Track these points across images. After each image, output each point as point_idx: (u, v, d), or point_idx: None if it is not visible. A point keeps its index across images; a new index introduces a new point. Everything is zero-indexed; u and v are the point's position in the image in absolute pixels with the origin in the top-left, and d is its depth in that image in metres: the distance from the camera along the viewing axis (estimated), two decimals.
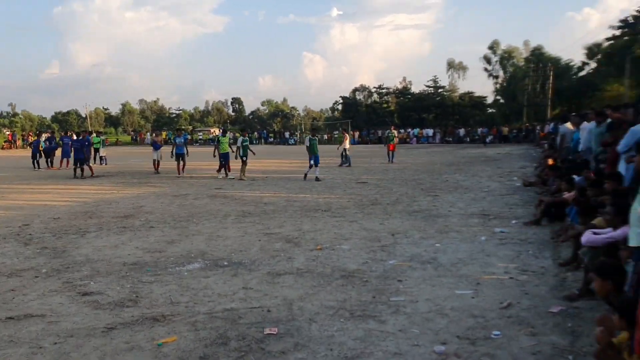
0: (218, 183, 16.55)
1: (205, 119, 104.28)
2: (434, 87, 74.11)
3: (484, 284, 5.70)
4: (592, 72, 54.75)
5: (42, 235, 8.76)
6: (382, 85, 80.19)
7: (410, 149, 38.83)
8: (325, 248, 7.50)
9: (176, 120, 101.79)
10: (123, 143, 66.80)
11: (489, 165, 21.99)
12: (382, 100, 79.25)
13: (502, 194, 13.01)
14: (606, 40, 50.97)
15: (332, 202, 12.09)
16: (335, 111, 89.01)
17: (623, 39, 47.30)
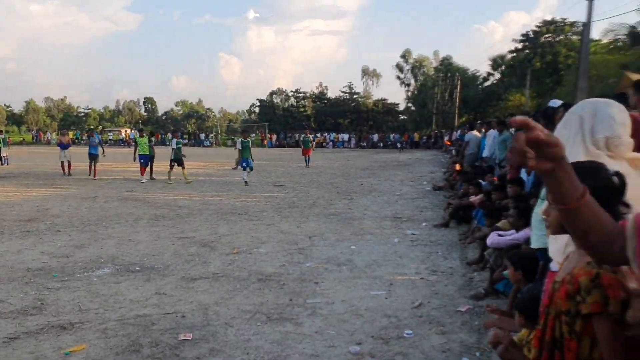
0: (130, 185, 15.95)
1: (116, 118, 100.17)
2: (349, 93, 75.68)
3: (397, 285, 5.88)
4: (496, 82, 58.12)
5: None
6: (299, 89, 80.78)
7: (327, 153, 39.34)
8: (241, 252, 7.44)
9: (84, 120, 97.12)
10: (28, 143, 62.65)
11: (401, 170, 22.73)
12: (299, 104, 79.79)
13: (413, 197, 13.48)
14: (509, 53, 54.36)
15: (249, 205, 12.01)
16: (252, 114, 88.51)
17: (524, 52, 50.59)
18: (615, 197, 1.71)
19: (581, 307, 1.67)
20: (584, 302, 1.66)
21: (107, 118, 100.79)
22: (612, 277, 1.65)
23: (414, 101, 68.98)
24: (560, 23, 48.54)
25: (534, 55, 48.02)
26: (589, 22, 23.39)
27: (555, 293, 1.81)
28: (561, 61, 43.70)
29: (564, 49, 45.51)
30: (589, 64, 24.44)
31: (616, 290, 1.63)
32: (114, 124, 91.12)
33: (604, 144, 2.17)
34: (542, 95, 43.44)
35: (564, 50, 45.37)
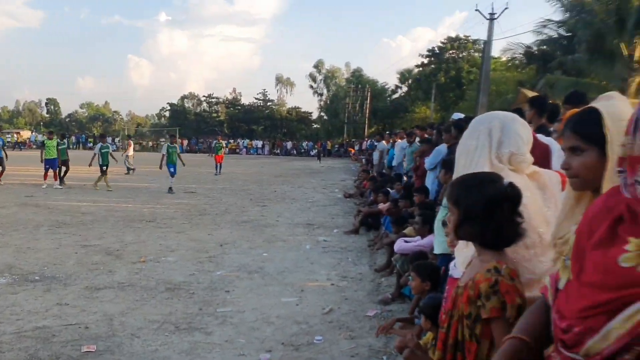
0: (30, 190, 14.97)
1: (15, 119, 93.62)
2: (263, 100, 75.50)
3: (308, 291, 5.95)
4: (403, 95, 60.43)
5: None
6: (212, 95, 79.57)
7: (240, 160, 39.00)
8: (149, 260, 7.21)
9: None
10: None
11: (314, 178, 23.00)
12: (211, 109, 78.54)
13: (325, 204, 13.68)
14: (416, 67, 56.67)
15: (157, 212, 11.66)
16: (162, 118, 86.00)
17: (430, 67, 52.93)
18: (510, 207, 1.84)
19: (481, 312, 1.78)
20: (484, 307, 1.77)
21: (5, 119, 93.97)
22: (510, 284, 1.76)
23: (326, 110, 69.99)
24: (463, 40, 51.25)
25: (439, 70, 50.38)
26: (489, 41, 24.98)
27: (458, 297, 1.92)
28: (464, 76, 46.14)
29: (467, 65, 48.11)
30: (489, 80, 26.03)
31: (513, 297, 1.75)
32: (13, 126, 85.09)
33: (507, 159, 2.28)
34: (446, 108, 45.61)
35: (467, 66, 47.96)
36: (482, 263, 1.87)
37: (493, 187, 1.85)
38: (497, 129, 2.32)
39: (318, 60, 72.27)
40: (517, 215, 1.85)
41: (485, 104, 23.27)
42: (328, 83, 70.63)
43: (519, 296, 1.76)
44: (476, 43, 48.11)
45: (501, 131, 2.31)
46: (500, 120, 2.37)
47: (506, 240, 1.86)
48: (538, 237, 2.13)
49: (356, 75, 65.58)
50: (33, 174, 17.79)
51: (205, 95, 79.97)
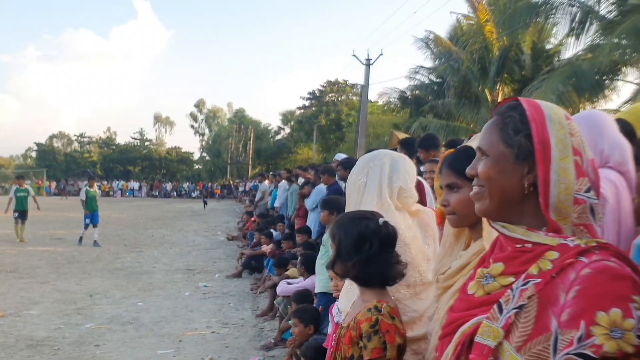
0: None
1: None
2: (140, 139, 73.01)
3: (187, 341, 5.68)
4: (286, 136, 61.49)
5: None
6: (84, 134, 75.51)
7: (114, 203, 36.99)
8: (8, 315, 6.52)
9: None
10: None
11: (195, 220, 22.38)
12: (83, 149, 74.42)
13: (207, 248, 13.32)
14: (297, 109, 58.10)
15: (19, 261, 10.64)
16: (28, 158, 79.89)
17: (311, 109, 54.51)
18: (381, 244, 1.86)
19: (363, 353, 1.77)
20: (365, 348, 1.76)
21: None
22: (390, 323, 1.76)
23: (208, 151, 69.20)
24: (342, 84, 53.55)
25: (320, 112, 52.02)
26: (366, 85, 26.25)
27: (341, 339, 1.90)
28: (343, 119, 47.93)
29: (346, 108, 50.12)
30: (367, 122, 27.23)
31: (393, 337, 1.74)
32: None
33: (396, 194, 2.35)
34: (327, 149, 46.97)
35: (346, 109, 49.94)
36: (364, 302, 1.88)
37: (365, 224, 1.88)
38: (387, 166, 2.39)
39: (199, 99, 71.71)
40: (389, 253, 1.87)
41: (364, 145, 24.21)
42: (210, 123, 70.09)
43: (400, 335, 1.77)
44: (354, 87, 50.43)
45: (390, 167, 2.39)
46: (390, 157, 2.46)
47: (384, 278, 1.87)
48: (419, 275, 2.19)
49: (239, 116, 65.79)
50: None
51: (77, 135, 75.76)
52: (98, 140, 74.32)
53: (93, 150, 73.32)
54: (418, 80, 24.95)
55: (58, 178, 58.44)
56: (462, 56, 20.25)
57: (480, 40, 19.12)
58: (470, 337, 1.10)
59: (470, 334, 1.11)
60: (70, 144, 75.74)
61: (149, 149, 72.38)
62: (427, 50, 22.75)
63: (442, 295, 1.74)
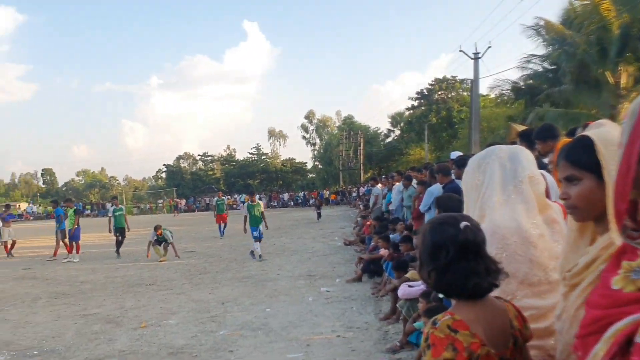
0: (27, 263, 14.82)
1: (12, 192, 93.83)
2: (257, 154, 76.20)
3: (314, 345, 5.81)
4: (396, 138, 61.03)
5: None
6: (207, 153, 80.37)
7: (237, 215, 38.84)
8: (150, 325, 7.07)
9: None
10: None
11: (313, 227, 22.89)
12: (207, 167, 79.13)
13: (325, 253, 13.56)
14: (406, 110, 57.49)
15: (157, 274, 11.52)
16: (159, 179, 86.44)
17: (420, 109, 53.69)
18: (463, 251, 1.70)
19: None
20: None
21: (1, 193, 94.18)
22: (439, 336, 1.62)
23: (320, 159, 70.54)
24: (451, 81, 52.19)
25: (430, 111, 51.08)
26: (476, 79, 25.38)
27: None
28: (455, 116, 46.69)
29: (457, 105, 48.79)
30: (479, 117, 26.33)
31: (438, 350, 1.60)
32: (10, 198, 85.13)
33: (527, 184, 2.27)
34: (440, 148, 46.03)
35: (457, 105, 48.63)
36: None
37: (442, 229, 1.75)
38: (506, 160, 2.33)
39: (309, 110, 73.48)
40: (471, 261, 1.71)
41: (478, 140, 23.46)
42: (320, 132, 71.50)
43: (456, 349, 1.60)
44: (464, 82, 48.98)
45: (511, 161, 2.32)
46: (506, 151, 2.39)
47: (462, 288, 1.70)
48: (544, 274, 2.10)
49: (348, 123, 66.42)
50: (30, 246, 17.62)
51: (200, 154, 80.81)
52: (219, 158, 78.69)
53: (216, 168, 77.75)
54: (531, 70, 23.78)
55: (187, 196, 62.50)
56: (577, 39, 18.99)
57: (597, 21, 17.82)
58: (628, 337, 1.03)
59: (627, 333, 1.04)
60: (195, 163, 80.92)
61: (266, 162, 75.31)
62: (538, 37, 21.59)
63: (570, 293, 1.64)
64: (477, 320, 1.67)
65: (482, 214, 2.29)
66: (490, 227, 2.18)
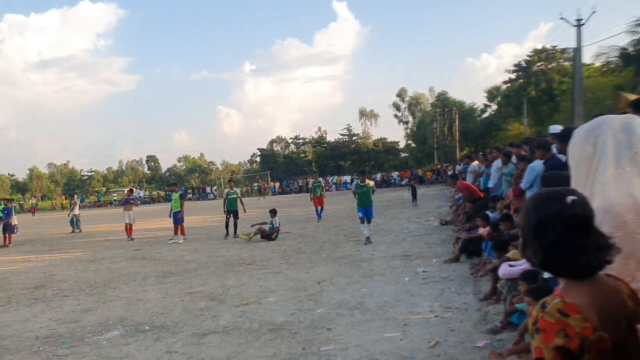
0: (136, 244, 15.88)
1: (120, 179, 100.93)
2: (348, 135, 76.39)
3: (411, 325, 5.76)
4: (493, 113, 58.69)
5: None
6: (299, 136, 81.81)
7: (330, 196, 39.29)
8: (251, 302, 7.33)
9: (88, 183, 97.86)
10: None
11: (407, 207, 22.63)
12: (299, 150, 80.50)
13: (421, 234, 13.37)
14: (504, 84, 55.06)
15: (255, 254, 11.91)
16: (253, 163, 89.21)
17: (518, 82, 51.21)
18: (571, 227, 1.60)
19: None
20: (532, 346, 1.57)
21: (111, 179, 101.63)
22: (549, 321, 1.53)
23: (413, 138, 69.47)
24: (551, 51, 49.32)
25: (529, 84, 48.62)
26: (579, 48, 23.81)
27: None
28: (556, 87, 44.15)
29: (558, 76, 46.06)
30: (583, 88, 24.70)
31: (549, 337, 1.51)
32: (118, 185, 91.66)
33: None
34: (540, 122, 43.70)
35: (558, 76, 45.91)
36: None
37: (546, 205, 1.65)
38: (619, 131, 2.15)
39: (400, 88, 72.42)
40: (580, 237, 1.60)
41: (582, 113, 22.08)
42: (413, 110, 70.32)
43: (568, 335, 1.49)
44: (565, 52, 46.13)
45: (624, 131, 2.14)
46: (618, 121, 2.22)
47: (572, 266, 1.61)
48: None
49: (441, 99, 64.67)
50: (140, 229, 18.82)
51: (292, 137, 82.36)
52: (311, 140, 79.75)
53: (308, 150, 78.93)
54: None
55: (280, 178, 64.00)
56: None
57: None
58: None
59: None
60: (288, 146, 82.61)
61: (357, 143, 75.35)
62: None
63: None
64: (589, 302, 1.56)
65: (592, 190, 2.12)
66: (603, 204, 2.02)
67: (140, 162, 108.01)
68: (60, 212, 48.68)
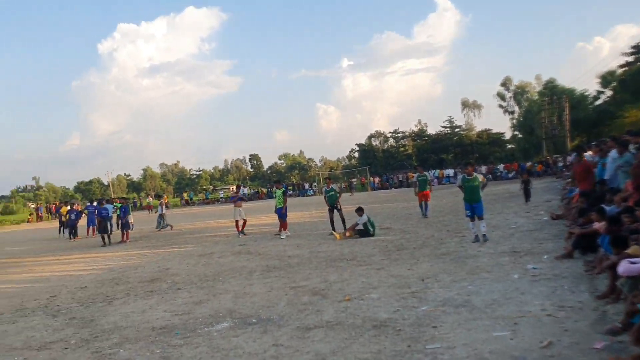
0: (242, 239, 16.51)
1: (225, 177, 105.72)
2: (450, 127, 74.55)
3: (522, 324, 5.50)
4: (608, 100, 54.57)
5: (70, 306, 8.76)
6: (398, 130, 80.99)
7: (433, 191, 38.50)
8: (353, 298, 7.35)
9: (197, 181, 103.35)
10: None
11: (514, 201, 21.64)
12: (398, 144, 79.73)
13: (530, 229, 12.74)
14: (619, 68, 51.08)
15: (356, 250, 11.94)
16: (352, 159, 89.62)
17: (636, 65, 47.27)
18: None
19: None
20: None
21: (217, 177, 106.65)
22: None
23: (520, 128, 66.38)
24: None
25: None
26: None
27: None
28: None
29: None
30: None
31: None
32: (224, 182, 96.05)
33: None
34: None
35: None
36: None
37: None
38: None
39: (505, 77, 69.48)
40: None
41: None
42: (519, 99, 67.26)
43: None
44: None
45: None
46: None
47: None
48: None
49: (549, 87, 61.16)
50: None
51: (391, 131, 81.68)
52: (411, 134, 78.70)
53: (407, 144, 78.00)
54: None
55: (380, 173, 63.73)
56: None
57: None
58: None
59: None
60: (387, 140, 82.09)
61: (460, 135, 73.29)
62: None
63: None
64: None
65: None
66: None
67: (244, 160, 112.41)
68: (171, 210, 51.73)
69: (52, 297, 9.76)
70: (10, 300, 9.88)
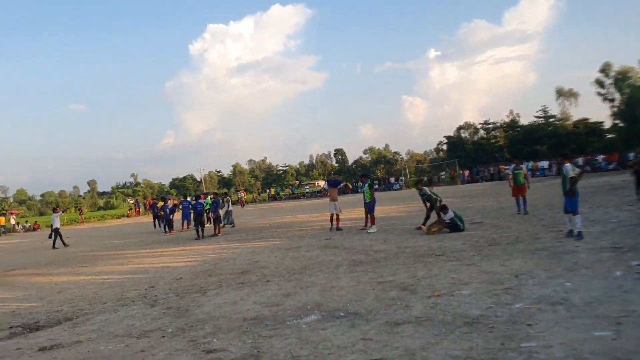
0: (328, 234, 16.65)
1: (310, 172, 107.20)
2: (544, 117, 71.06)
3: (626, 324, 5.16)
4: None
5: (167, 296, 9.24)
6: (488, 121, 78.33)
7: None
8: (443, 294, 7.22)
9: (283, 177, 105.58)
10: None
11: (615, 194, 20.35)
12: (489, 136, 77.14)
13: (634, 223, 11.92)
14: None
15: (445, 245, 11.70)
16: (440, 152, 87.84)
17: None
18: None
19: None
20: None
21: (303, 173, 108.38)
22: None
23: (621, 117, 62.04)
24: None
25: None
26: None
27: None
28: None
29: None
30: None
31: None
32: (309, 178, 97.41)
33: None
34: None
35: None
36: None
37: None
38: None
39: (604, 62, 65.08)
40: None
41: None
42: (620, 86, 62.79)
43: None
44: None
45: None
46: None
47: None
48: None
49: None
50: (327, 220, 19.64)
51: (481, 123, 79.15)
52: (502, 125, 75.85)
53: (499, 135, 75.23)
54: None
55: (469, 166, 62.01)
56: None
57: None
58: None
59: None
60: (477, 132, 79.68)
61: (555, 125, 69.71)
62: None
63: None
64: None
65: None
66: None
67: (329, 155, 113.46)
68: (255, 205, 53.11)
69: (150, 287, 10.34)
70: (113, 290, 10.57)
